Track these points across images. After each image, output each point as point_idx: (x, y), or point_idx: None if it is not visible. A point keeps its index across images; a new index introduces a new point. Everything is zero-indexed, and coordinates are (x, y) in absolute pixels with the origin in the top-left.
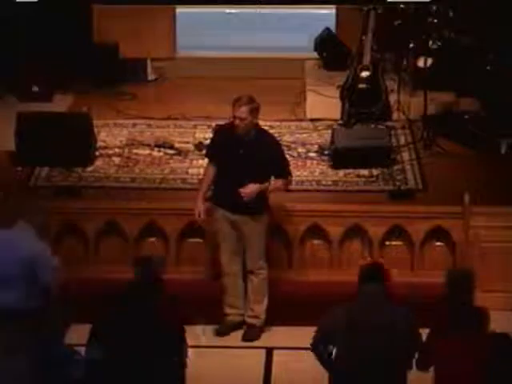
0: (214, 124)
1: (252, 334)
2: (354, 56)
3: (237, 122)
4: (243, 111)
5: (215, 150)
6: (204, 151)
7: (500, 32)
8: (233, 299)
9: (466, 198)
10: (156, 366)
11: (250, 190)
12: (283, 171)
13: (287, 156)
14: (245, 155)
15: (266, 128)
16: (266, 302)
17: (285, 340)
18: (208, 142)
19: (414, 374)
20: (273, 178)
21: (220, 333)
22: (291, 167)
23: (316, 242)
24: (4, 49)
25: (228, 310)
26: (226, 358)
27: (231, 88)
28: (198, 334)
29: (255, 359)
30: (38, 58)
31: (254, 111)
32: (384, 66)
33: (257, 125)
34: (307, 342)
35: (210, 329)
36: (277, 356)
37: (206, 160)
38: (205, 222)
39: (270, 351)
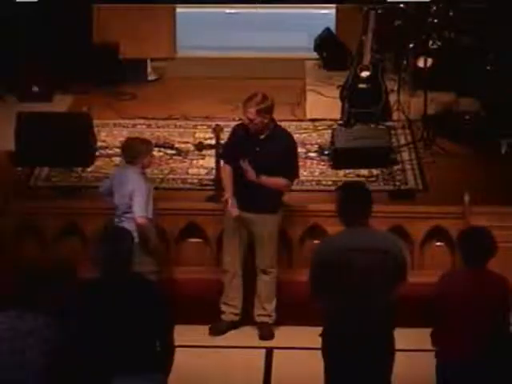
0: (214, 124)
1: (268, 332)
2: (354, 56)
3: (247, 121)
4: (251, 112)
5: (231, 150)
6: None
7: (500, 32)
8: (230, 298)
9: (466, 198)
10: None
11: (250, 174)
12: (290, 170)
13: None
14: (260, 153)
15: None
16: (275, 300)
17: (284, 340)
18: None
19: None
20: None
21: (214, 332)
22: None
23: (316, 241)
24: (4, 49)
25: (224, 308)
26: (226, 357)
27: (231, 88)
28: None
29: (255, 359)
30: (38, 58)
31: (263, 112)
32: (384, 66)
33: (273, 121)
34: (307, 342)
35: (205, 328)
36: (277, 356)
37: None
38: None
39: (269, 351)
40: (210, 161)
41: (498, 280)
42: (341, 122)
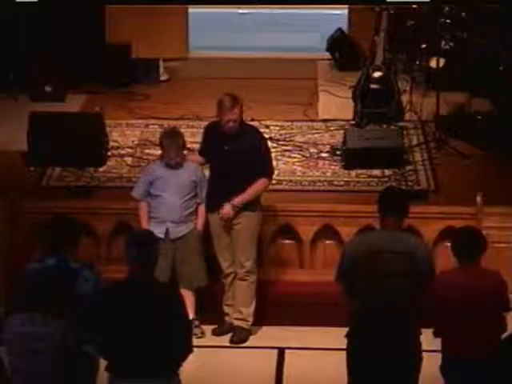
0: None
1: (240, 336)
2: (366, 56)
3: (230, 124)
4: (236, 112)
5: (206, 148)
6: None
7: None
8: (232, 299)
9: (479, 198)
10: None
11: (227, 211)
12: (263, 168)
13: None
14: (229, 151)
15: (277, 128)
16: (253, 305)
17: (297, 340)
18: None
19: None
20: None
21: (217, 333)
22: (301, 168)
23: (328, 242)
24: (17, 49)
25: (227, 310)
26: (238, 358)
27: (244, 88)
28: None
29: (267, 359)
30: (51, 58)
31: (242, 107)
32: (396, 67)
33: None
34: (319, 343)
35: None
36: (289, 356)
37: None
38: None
39: (281, 351)
40: None
41: (492, 275)
42: (353, 122)
